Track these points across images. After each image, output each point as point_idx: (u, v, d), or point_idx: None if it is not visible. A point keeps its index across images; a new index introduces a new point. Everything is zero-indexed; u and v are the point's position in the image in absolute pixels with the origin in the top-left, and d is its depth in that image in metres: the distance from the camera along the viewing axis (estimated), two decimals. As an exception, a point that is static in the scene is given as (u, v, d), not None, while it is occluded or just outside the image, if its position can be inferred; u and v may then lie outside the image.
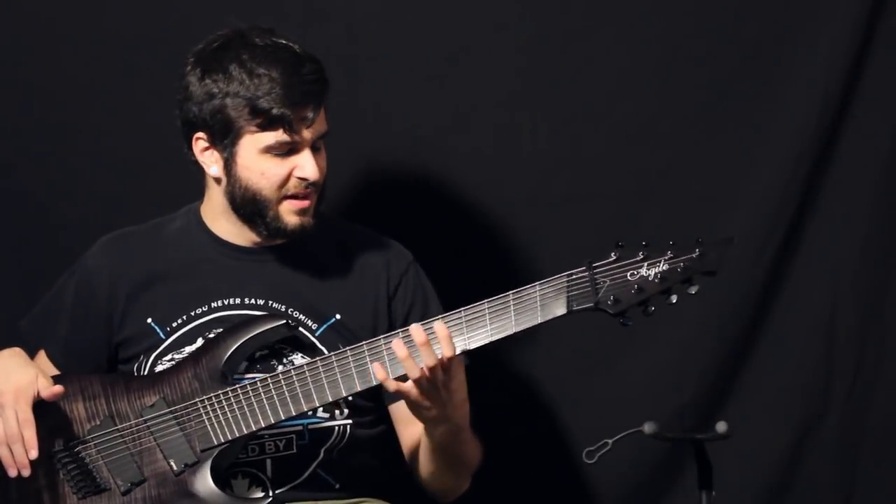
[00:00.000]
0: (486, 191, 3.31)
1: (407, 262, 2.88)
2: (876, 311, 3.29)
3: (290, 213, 2.73)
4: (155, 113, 3.28)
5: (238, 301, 2.79)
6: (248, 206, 2.75)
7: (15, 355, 2.70)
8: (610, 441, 2.63)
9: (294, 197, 2.72)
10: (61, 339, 2.86)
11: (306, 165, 2.70)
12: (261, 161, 2.71)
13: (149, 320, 2.79)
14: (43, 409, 2.65)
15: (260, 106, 2.67)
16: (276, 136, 2.68)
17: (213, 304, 2.79)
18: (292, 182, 2.71)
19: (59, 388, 2.63)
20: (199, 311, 2.79)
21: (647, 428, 2.52)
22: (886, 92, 3.22)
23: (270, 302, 2.79)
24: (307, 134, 2.69)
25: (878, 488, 3.30)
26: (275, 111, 2.66)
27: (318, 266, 2.83)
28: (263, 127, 2.68)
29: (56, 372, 2.81)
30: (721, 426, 2.56)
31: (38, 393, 2.62)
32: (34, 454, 2.59)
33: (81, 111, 3.34)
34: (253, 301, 2.79)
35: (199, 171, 2.82)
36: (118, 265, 2.83)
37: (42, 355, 2.88)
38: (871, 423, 3.30)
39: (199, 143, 2.76)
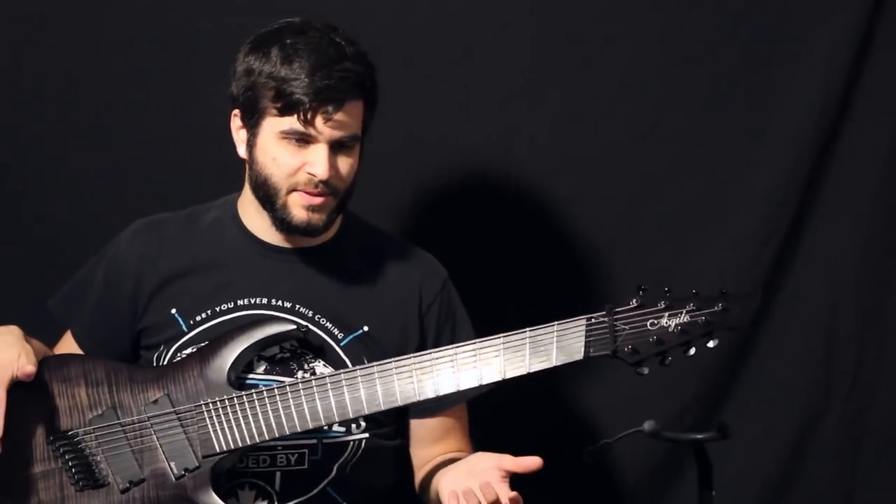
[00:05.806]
0: (486, 191, 3.30)
1: (442, 280, 2.83)
2: (876, 311, 3.29)
3: (297, 206, 2.67)
4: (156, 113, 3.29)
5: (265, 301, 2.74)
6: (260, 190, 2.70)
7: (6, 333, 2.65)
8: (610, 441, 2.63)
9: (304, 191, 2.67)
10: (87, 321, 2.82)
11: (317, 161, 2.64)
12: (276, 146, 2.66)
13: (172, 311, 2.75)
14: (43, 392, 2.62)
15: (282, 89, 2.63)
16: (291, 122, 2.63)
17: (240, 302, 2.74)
18: (302, 175, 2.65)
19: (30, 368, 2.59)
20: (224, 307, 2.74)
21: (647, 426, 2.51)
22: (886, 92, 3.23)
23: (298, 306, 2.74)
24: (324, 129, 2.64)
25: (878, 488, 3.31)
26: (294, 97, 2.62)
27: (349, 274, 2.78)
28: (282, 111, 2.63)
29: (80, 353, 2.79)
30: (720, 426, 2.56)
31: (15, 374, 2.59)
32: None
33: (81, 111, 3.33)
34: (280, 303, 2.74)
35: (241, 163, 2.79)
36: (148, 252, 2.79)
37: (68, 335, 2.84)
38: (871, 423, 3.30)
39: (235, 119, 2.74)
